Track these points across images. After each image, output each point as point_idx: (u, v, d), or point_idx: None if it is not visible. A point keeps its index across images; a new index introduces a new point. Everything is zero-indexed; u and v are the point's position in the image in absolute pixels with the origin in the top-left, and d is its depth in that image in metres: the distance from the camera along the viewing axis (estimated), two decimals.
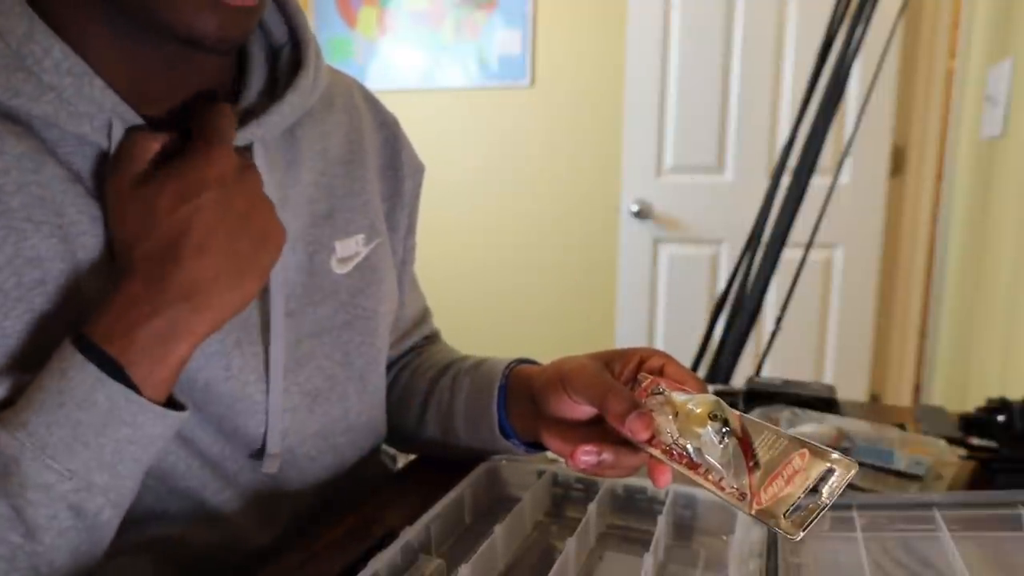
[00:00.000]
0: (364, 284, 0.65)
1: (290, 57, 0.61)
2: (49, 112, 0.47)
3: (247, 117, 0.56)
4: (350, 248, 0.64)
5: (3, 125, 0.47)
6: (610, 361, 0.55)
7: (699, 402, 0.46)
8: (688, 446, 0.45)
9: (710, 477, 0.44)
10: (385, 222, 0.71)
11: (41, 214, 0.47)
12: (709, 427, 0.44)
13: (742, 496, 0.42)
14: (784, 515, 0.40)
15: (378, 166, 0.71)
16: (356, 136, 0.68)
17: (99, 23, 0.49)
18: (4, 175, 0.46)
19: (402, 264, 0.75)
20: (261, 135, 0.56)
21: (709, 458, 0.44)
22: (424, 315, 0.84)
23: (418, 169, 0.76)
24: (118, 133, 0.49)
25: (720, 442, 0.44)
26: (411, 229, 0.76)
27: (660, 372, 0.52)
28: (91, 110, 0.48)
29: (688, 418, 0.46)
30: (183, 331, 0.47)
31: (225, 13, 0.48)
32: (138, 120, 0.50)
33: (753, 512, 0.41)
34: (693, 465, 0.45)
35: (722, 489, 0.43)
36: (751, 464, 0.43)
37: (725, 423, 0.44)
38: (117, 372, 0.46)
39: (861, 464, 0.70)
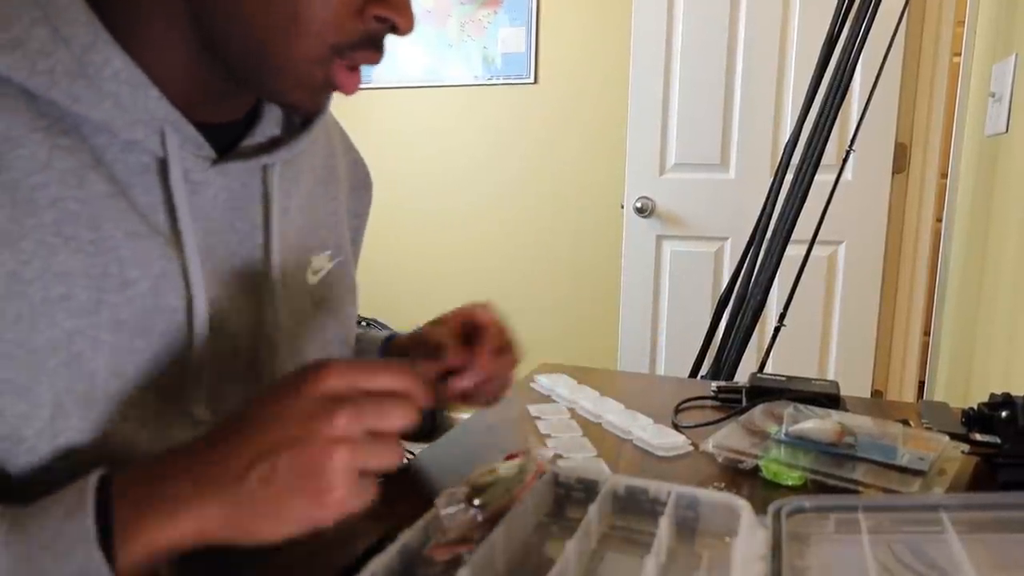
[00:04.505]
0: (322, 298, 0.69)
1: None
2: (105, 118, 0.48)
3: (275, 143, 0.60)
4: (320, 262, 0.69)
5: (55, 138, 0.47)
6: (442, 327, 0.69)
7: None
8: None
9: None
10: (352, 237, 0.77)
11: (72, 229, 0.47)
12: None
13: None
14: None
15: (349, 186, 0.77)
16: (332, 158, 0.73)
17: (179, 49, 0.51)
18: (42, 189, 0.46)
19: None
20: (282, 157, 0.60)
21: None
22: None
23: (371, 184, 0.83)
24: (172, 142, 0.51)
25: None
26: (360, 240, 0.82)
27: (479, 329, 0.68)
28: (145, 117, 0.50)
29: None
30: (195, 508, 0.43)
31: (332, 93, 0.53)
32: (191, 131, 0.52)
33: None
34: None
35: None
36: None
37: None
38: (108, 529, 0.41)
39: (864, 460, 0.70)
